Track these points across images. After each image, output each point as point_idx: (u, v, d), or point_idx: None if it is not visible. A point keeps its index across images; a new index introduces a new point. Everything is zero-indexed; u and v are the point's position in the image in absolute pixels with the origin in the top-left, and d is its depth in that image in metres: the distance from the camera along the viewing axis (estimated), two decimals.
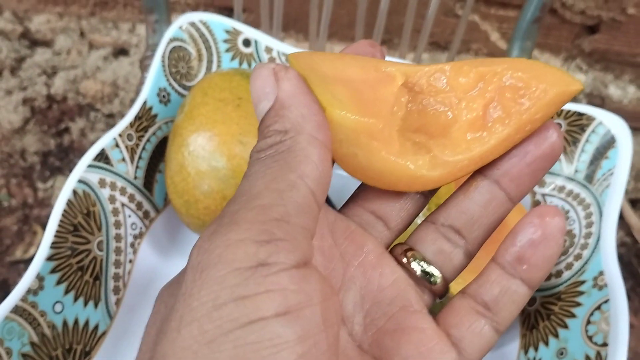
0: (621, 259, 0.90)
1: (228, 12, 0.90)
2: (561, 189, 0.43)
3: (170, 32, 0.44)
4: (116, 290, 0.38)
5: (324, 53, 0.24)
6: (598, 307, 0.35)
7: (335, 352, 0.19)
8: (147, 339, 0.19)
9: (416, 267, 0.23)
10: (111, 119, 0.90)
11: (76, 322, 0.35)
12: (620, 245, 0.92)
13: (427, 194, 0.25)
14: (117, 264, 0.39)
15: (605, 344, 0.33)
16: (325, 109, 0.21)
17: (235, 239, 0.17)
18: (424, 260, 0.24)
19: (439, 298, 0.24)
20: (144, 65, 0.52)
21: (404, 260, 0.24)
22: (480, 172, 0.24)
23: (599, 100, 0.92)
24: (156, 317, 0.19)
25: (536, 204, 0.44)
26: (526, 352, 0.38)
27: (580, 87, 0.22)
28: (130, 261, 0.40)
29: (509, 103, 0.22)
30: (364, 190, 0.25)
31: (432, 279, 0.24)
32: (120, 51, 0.95)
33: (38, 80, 0.92)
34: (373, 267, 0.23)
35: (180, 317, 0.17)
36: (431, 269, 0.24)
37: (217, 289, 0.17)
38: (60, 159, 0.88)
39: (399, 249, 0.24)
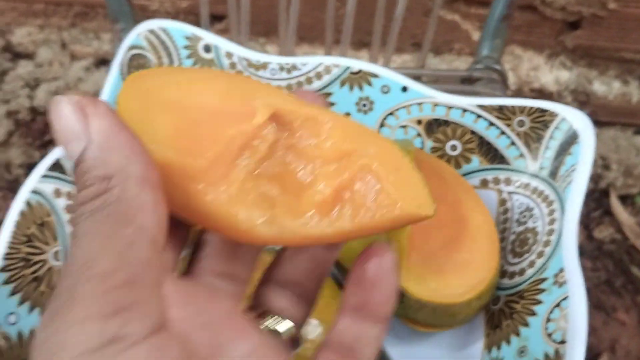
0: (612, 256, 0.90)
1: (210, 19, 0.90)
2: (526, 186, 0.42)
3: (129, 40, 0.44)
4: None
5: (185, 73, 0.23)
6: (557, 305, 0.34)
7: None
8: None
9: (265, 327, 0.23)
10: None
11: (32, 333, 0.35)
12: (611, 242, 0.91)
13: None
14: None
15: (563, 342, 0.33)
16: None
17: (76, 319, 0.15)
18: (274, 317, 0.24)
19: (295, 345, 0.24)
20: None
21: (260, 323, 0.23)
22: None
23: (584, 96, 0.91)
24: None
25: (502, 202, 0.44)
26: (489, 351, 0.38)
27: (430, 215, 0.21)
28: None
29: (359, 199, 0.21)
30: (204, 253, 0.24)
31: (283, 334, 0.23)
32: (102, 61, 0.95)
33: (21, 92, 0.93)
34: (237, 333, 0.22)
35: None
36: (279, 326, 0.23)
37: None
38: None
39: (253, 314, 0.24)
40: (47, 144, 0.90)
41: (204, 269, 0.24)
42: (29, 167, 0.88)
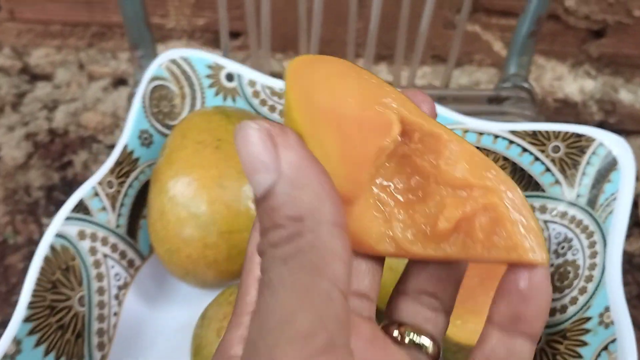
0: None
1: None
2: (563, 215, 0.41)
3: (151, 71, 0.43)
4: (101, 347, 0.37)
5: (330, 69, 0.23)
6: (605, 348, 0.33)
7: None
8: None
9: (409, 341, 0.23)
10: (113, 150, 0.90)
11: None
12: None
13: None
14: (101, 318, 0.37)
15: None
16: None
17: None
18: (415, 332, 0.23)
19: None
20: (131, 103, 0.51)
21: (398, 337, 0.23)
22: None
23: (610, 105, 0.89)
24: None
25: None
26: None
27: (543, 264, 0.21)
28: (116, 314, 0.39)
29: (477, 234, 0.21)
30: None
31: (424, 349, 0.23)
32: (120, 81, 0.94)
33: (39, 114, 0.92)
34: (381, 357, 0.22)
35: None
36: (422, 339, 0.23)
37: None
38: (65, 193, 0.88)
39: (391, 328, 0.23)
40: (66, 166, 0.89)
41: None
42: (49, 189, 0.87)
